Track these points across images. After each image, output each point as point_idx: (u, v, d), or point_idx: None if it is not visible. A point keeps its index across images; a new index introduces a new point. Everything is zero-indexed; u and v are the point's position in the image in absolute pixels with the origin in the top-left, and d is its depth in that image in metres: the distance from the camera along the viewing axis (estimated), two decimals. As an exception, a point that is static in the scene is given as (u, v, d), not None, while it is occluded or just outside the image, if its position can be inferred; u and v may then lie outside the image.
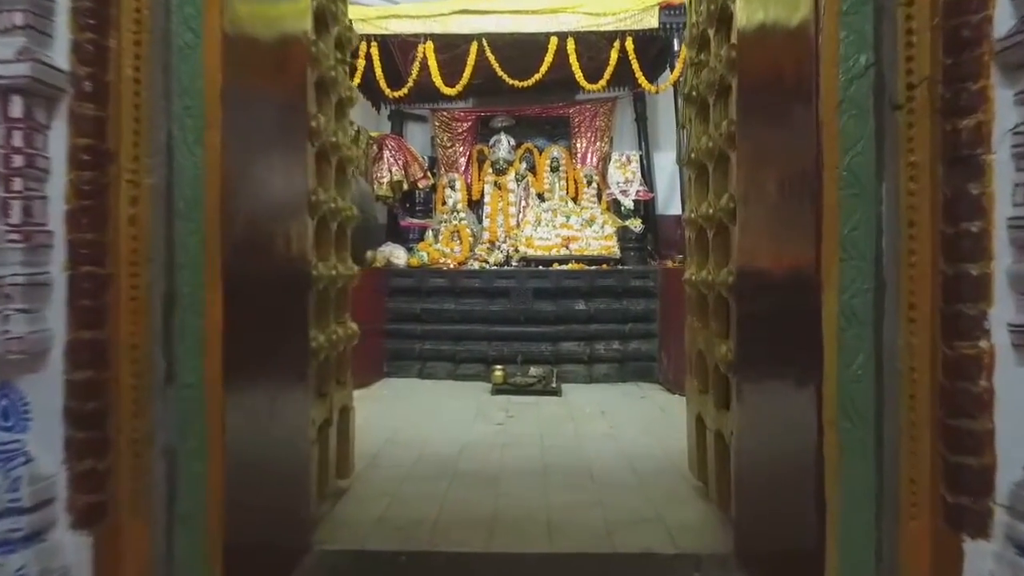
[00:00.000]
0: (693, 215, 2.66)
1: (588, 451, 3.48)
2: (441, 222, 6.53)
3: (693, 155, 2.67)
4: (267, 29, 1.77)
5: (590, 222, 6.29)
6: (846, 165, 1.37)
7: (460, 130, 7.20)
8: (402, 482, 2.93)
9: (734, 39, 2.13)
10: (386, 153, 6.29)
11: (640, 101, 7.05)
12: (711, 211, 2.39)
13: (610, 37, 5.36)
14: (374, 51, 5.24)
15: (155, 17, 1.43)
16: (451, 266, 5.85)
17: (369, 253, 5.55)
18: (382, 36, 5.20)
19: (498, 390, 5.03)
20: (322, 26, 2.44)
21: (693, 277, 2.66)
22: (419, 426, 4.03)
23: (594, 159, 7.08)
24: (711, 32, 2.44)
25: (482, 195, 6.87)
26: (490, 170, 6.87)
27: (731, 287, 2.14)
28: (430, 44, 5.19)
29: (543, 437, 3.78)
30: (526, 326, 5.58)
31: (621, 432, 3.91)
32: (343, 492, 2.77)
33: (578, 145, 7.12)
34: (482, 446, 3.61)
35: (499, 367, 5.15)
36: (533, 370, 5.25)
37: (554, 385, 5.02)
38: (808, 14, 1.41)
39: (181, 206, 1.46)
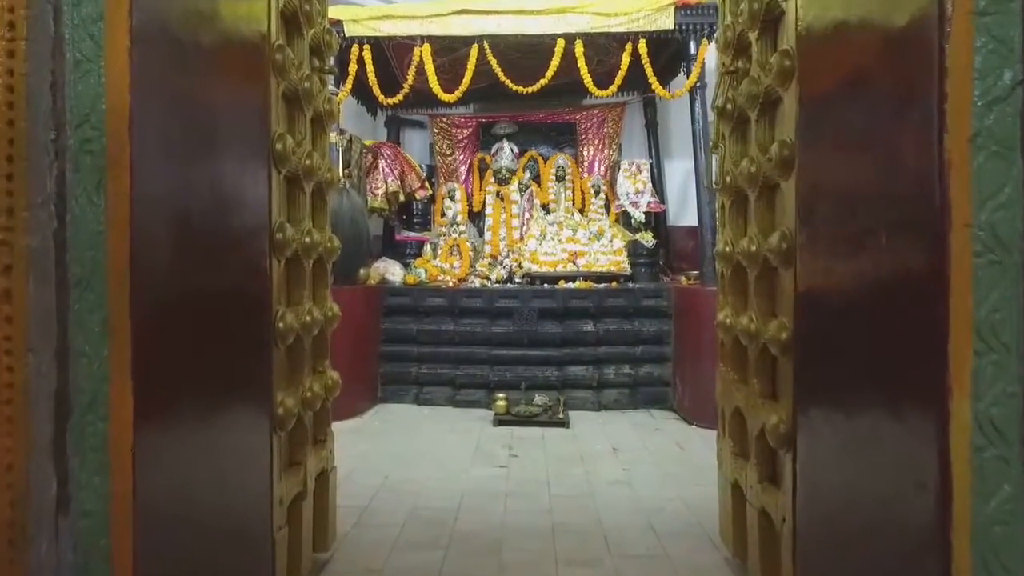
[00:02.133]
0: (728, 249, 2.29)
1: (601, 504, 3.10)
2: (440, 235, 6.16)
3: (729, 179, 2.29)
4: (208, 34, 1.39)
5: (598, 235, 5.92)
6: (983, 222, 0.99)
7: (460, 137, 6.83)
8: (391, 551, 2.55)
9: (787, 44, 1.75)
10: (381, 162, 5.92)
11: (650, 106, 6.68)
12: (754, 248, 2.01)
13: (621, 39, 4.98)
14: (367, 54, 4.86)
15: (38, 18, 1.06)
16: (450, 284, 5.47)
17: (362, 271, 5.18)
18: (375, 38, 4.83)
19: (500, 421, 4.66)
20: (293, 29, 2.07)
21: (728, 321, 2.28)
22: (414, 468, 3.65)
23: (602, 168, 6.71)
24: (752, 35, 2.07)
25: (483, 206, 6.49)
26: (492, 180, 6.49)
27: (784, 346, 1.76)
28: (427, 47, 4.81)
29: (551, 484, 3.40)
30: (530, 349, 5.21)
31: (637, 476, 3.53)
32: (322, 567, 2.39)
33: (585, 153, 6.75)
34: (483, 496, 3.23)
35: (501, 395, 4.77)
36: (538, 398, 4.88)
37: (561, 415, 4.65)
38: (927, 13, 1.03)
39: (77, 273, 1.09)
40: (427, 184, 6.27)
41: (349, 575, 2.36)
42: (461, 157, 6.82)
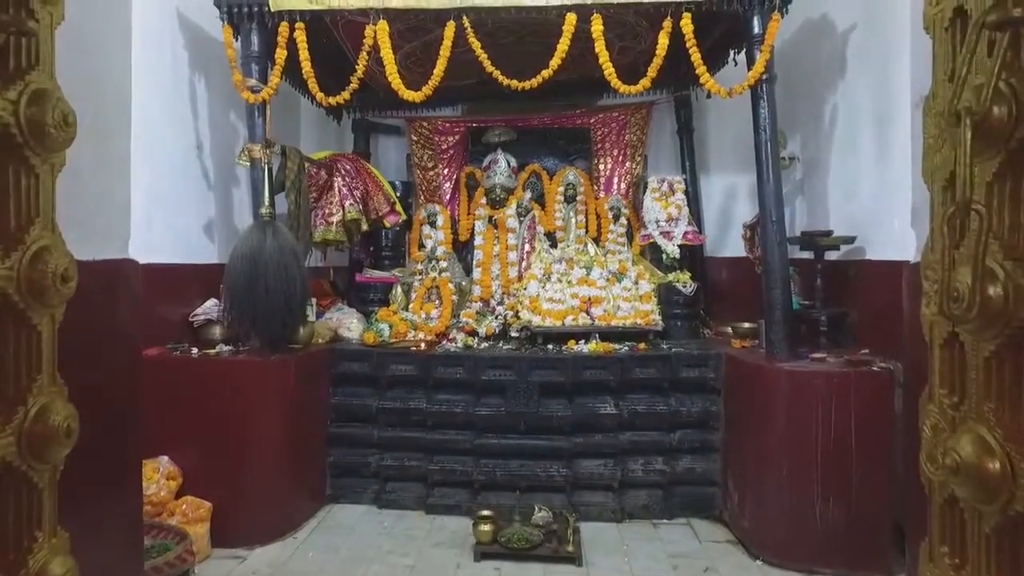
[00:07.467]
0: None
1: None
2: (413, 275, 4.79)
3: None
4: None
5: (619, 275, 4.53)
6: None
7: (444, 146, 5.46)
8: None
9: None
10: (337, 181, 4.55)
11: (684, 107, 5.29)
12: None
13: (652, 15, 3.61)
14: (301, 36, 3.51)
15: None
16: (422, 346, 4.09)
17: (302, 330, 3.82)
18: (313, 12, 3.48)
19: (484, 554, 3.29)
20: None
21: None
22: None
23: (623, 185, 5.32)
24: None
25: (472, 235, 5.12)
26: (483, 201, 5.13)
27: None
28: (383, 25, 3.45)
29: None
30: (529, 437, 3.84)
31: None
32: None
33: (601, 167, 5.36)
34: None
35: (486, 513, 3.39)
36: (539, 513, 3.50)
37: (570, 547, 3.26)
38: None
39: None
40: (399, 208, 4.89)
41: None
42: (445, 172, 5.44)
